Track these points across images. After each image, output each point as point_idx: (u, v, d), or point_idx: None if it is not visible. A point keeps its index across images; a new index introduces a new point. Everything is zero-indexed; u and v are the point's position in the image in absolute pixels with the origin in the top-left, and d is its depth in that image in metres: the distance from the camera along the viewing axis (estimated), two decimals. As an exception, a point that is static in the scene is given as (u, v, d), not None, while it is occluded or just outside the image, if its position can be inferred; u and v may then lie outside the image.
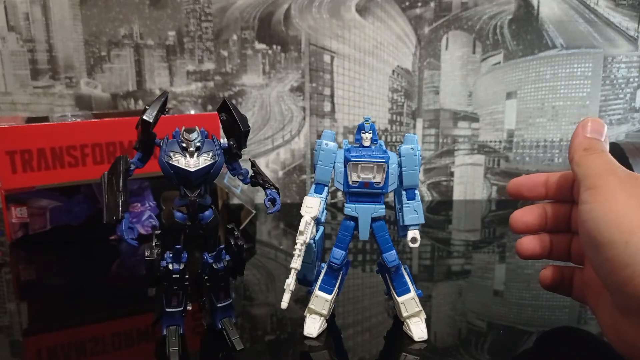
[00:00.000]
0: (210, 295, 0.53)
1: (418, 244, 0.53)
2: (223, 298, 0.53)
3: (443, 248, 0.83)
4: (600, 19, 1.00)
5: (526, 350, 0.53)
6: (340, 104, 1.02)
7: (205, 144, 0.48)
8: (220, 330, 0.53)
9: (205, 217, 0.50)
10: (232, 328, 0.52)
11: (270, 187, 0.52)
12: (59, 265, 0.78)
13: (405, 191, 0.53)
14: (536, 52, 1.01)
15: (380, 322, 0.58)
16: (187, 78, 0.99)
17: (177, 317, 0.51)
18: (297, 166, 1.04)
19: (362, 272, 0.73)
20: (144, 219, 0.83)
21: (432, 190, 1.07)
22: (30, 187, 0.76)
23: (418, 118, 1.03)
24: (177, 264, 0.50)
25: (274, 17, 0.98)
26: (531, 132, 1.04)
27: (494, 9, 1.00)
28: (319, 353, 0.52)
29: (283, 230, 0.92)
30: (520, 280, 0.71)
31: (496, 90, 1.03)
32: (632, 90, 1.03)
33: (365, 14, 0.98)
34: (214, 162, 0.48)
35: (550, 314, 0.60)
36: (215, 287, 0.52)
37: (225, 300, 0.53)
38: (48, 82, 0.98)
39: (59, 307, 0.64)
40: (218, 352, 0.52)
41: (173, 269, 0.50)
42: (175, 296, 0.50)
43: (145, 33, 0.97)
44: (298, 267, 0.50)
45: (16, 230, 0.82)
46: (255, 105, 1.01)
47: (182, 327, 0.51)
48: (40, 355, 0.54)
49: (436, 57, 1.01)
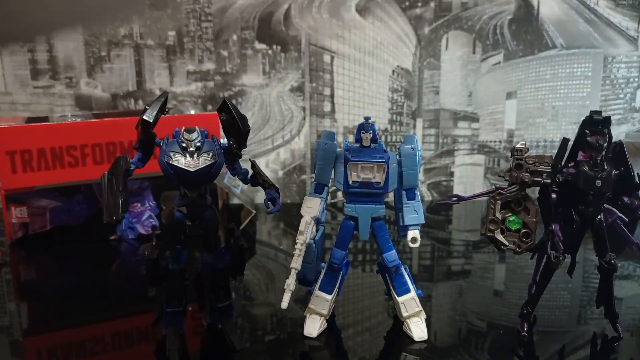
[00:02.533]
0: (210, 295, 0.53)
1: (418, 244, 0.53)
2: (223, 298, 0.53)
3: (443, 248, 0.83)
4: (600, 19, 1.00)
5: (526, 350, 0.53)
6: (340, 104, 1.02)
7: (206, 144, 0.48)
8: (220, 330, 0.53)
9: (206, 217, 0.50)
10: (232, 328, 0.52)
11: (270, 187, 0.52)
12: (59, 265, 0.78)
13: (405, 191, 0.53)
14: (536, 52, 1.01)
15: (380, 322, 0.58)
16: (187, 78, 0.99)
17: (177, 317, 0.51)
18: (297, 166, 1.04)
19: (362, 272, 0.73)
20: (144, 219, 0.83)
21: (432, 190, 1.07)
22: (30, 187, 0.76)
23: (418, 118, 1.03)
24: (177, 264, 0.50)
25: (274, 17, 0.98)
26: (531, 132, 1.04)
27: (494, 9, 1.00)
28: (319, 353, 0.52)
29: (283, 230, 0.92)
30: (520, 280, 0.71)
31: (496, 90, 1.03)
32: (632, 90, 1.03)
33: (365, 14, 0.98)
34: (214, 162, 0.48)
35: (550, 314, 0.60)
36: (215, 287, 0.52)
37: (225, 300, 0.53)
38: (48, 82, 0.98)
39: (59, 307, 0.64)
40: (218, 352, 0.52)
41: (173, 269, 0.50)
42: (175, 296, 0.50)
43: (145, 33, 0.97)
44: (298, 267, 0.50)
45: (16, 230, 0.82)
46: (255, 105, 1.01)
47: (182, 327, 0.51)
48: (40, 355, 0.54)
49: (436, 57, 1.01)
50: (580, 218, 0.52)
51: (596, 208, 0.51)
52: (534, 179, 0.50)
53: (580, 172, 0.50)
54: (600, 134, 0.50)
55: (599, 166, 0.50)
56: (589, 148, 0.50)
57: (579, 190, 0.51)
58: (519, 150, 0.51)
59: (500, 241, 0.52)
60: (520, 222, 0.52)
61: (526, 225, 0.52)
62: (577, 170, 0.51)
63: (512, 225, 0.52)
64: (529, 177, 0.50)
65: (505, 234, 0.52)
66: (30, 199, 0.82)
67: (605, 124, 0.50)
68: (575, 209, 0.52)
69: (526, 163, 0.51)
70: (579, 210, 0.52)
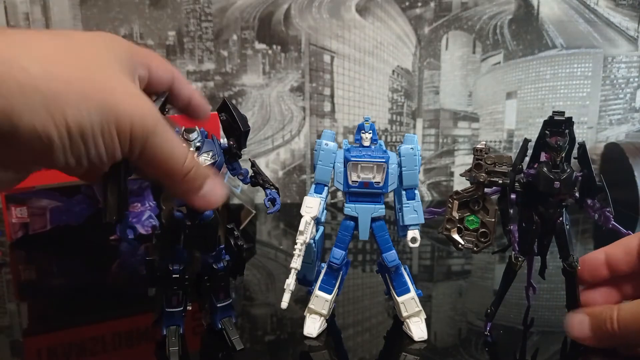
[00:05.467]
0: (210, 295, 0.53)
1: (418, 244, 0.53)
2: (223, 298, 0.53)
3: (443, 248, 0.83)
4: (600, 19, 1.00)
5: (526, 350, 0.53)
6: (340, 104, 1.02)
7: (205, 144, 0.48)
8: (220, 330, 0.53)
9: (205, 217, 0.50)
10: (232, 328, 0.52)
11: (270, 187, 0.53)
12: (59, 265, 0.78)
13: (405, 191, 0.53)
14: (536, 52, 1.01)
15: (380, 322, 0.58)
16: (187, 78, 0.99)
17: (177, 317, 0.51)
18: (297, 166, 1.04)
19: (362, 272, 0.73)
20: (144, 219, 0.83)
21: (432, 190, 1.07)
22: (30, 187, 0.76)
23: (418, 118, 1.03)
24: (177, 264, 0.50)
25: (274, 17, 0.98)
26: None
27: (494, 9, 1.00)
28: (319, 353, 0.52)
29: (283, 230, 0.92)
30: (521, 280, 0.71)
31: (496, 90, 1.03)
32: (632, 90, 1.03)
33: (365, 14, 0.98)
34: (213, 162, 0.48)
35: (550, 314, 0.60)
36: (215, 287, 0.52)
37: (225, 300, 0.53)
38: (48, 82, 0.98)
39: (59, 307, 0.64)
40: (218, 352, 0.52)
41: (173, 269, 0.50)
42: (175, 296, 0.50)
43: (145, 33, 0.97)
44: (298, 267, 0.50)
45: (16, 230, 0.82)
46: (255, 105, 1.01)
47: (182, 327, 0.51)
48: (40, 355, 0.54)
49: (436, 57, 1.01)
50: (541, 219, 0.51)
51: (556, 210, 0.51)
52: (491, 179, 0.50)
53: (540, 174, 0.50)
54: (560, 134, 0.49)
55: (559, 167, 0.49)
56: (548, 149, 0.49)
57: (539, 191, 0.50)
58: (479, 151, 0.51)
59: (456, 240, 0.52)
60: (479, 221, 0.52)
61: (484, 225, 0.52)
62: (537, 171, 0.50)
63: (470, 224, 0.52)
64: (485, 177, 0.50)
65: (463, 233, 0.52)
66: (30, 199, 0.82)
67: (567, 124, 0.49)
68: (535, 210, 0.51)
69: (485, 163, 0.50)
70: (540, 212, 0.51)
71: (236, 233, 0.53)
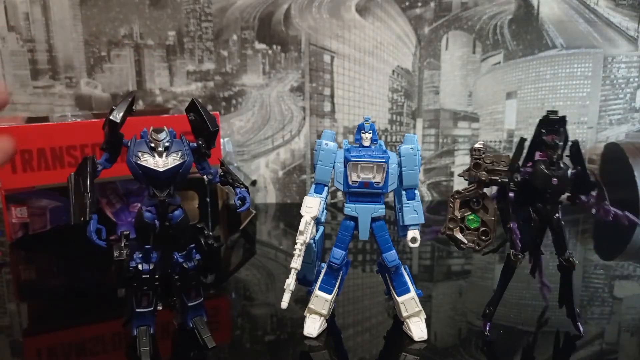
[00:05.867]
0: (181, 294, 0.52)
1: (418, 244, 0.53)
2: (194, 297, 0.52)
3: (443, 248, 0.83)
4: (600, 19, 1.00)
5: (526, 350, 0.53)
6: (340, 104, 1.02)
7: (174, 144, 0.48)
8: (192, 329, 0.53)
9: (175, 216, 0.50)
10: (203, 326, 0.52)
11: (239, 185, 0.53)
12: (59, 265, 0.78)
13: (405, 191, 0.53)
14: (536, 52, 1.01)
15: (380, 322, 0.59)
16: (187, 78, 0.99)
17: (147, 317, 0.51)
18: (297, 166, 1.04)
19: (362, 272, 0.73)
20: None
21: (432, 190, 1.07)
22: (30, 187, 0.76)
23: (418, 118, 1.03)
24: (147, 264, 0.50)
25: (274, 17, 0.98)
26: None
27: (494, 9, 1.00)
28: (319, 353, 0.52)
29: (283, 230, 0.92)
30: (520, 280, 0.71)
31: (496, 90, 1.03)
32: (632, 90, 1.03)
33: (365, 14, 0.98)
34: (182, 161, 0.48)
35: (550, 314, 0.60)
36: (185, 286, 0.52)
37: (196, 299, 0.53)
38: (48, 82, 0.98)
39: (59, 307, 0.64)
40: (190, 351, 0.52)
41: (142, 269, 0.49)
42: (145, 296, 0.50)
43: (145, 33, 0.97)
44: (298, 267, 0.50)
45: (16, 230, 0.82)
46: (255, 105, 1.01)
47: (152, 327, 0.51)
48: (40, 355, 0.54)
49: (436, 57, 1.01)
50: (538, 216, 0.52)
51: (553, 206, 0.52)
52: (491, 177, 0.51)
53: (537, 171, 0.51)
54: (556, 133, 0.51)
55: (556, 165, 0.51)
56: (545, 147, 0.51)
57: (536, 189, 0.51)
58: (477, 150, 0.52)
59: (460, 239, 0.53)
60: (479, 220, 0.52)
61: (485, 224, 0.52)
62: (534, 169, 0.51)
63: (471, 223, 0.53)
64: (486, 176, 0.51)
65: (464, 232, 0.53)
66: (30, 199, 0.82)
67: (561, 123, 0.51)
68: (533, 207, 0.53)
69: (484, 162, 0.52)
70: (536, 209, 0.52)
71: (206, 232, 0.53)
